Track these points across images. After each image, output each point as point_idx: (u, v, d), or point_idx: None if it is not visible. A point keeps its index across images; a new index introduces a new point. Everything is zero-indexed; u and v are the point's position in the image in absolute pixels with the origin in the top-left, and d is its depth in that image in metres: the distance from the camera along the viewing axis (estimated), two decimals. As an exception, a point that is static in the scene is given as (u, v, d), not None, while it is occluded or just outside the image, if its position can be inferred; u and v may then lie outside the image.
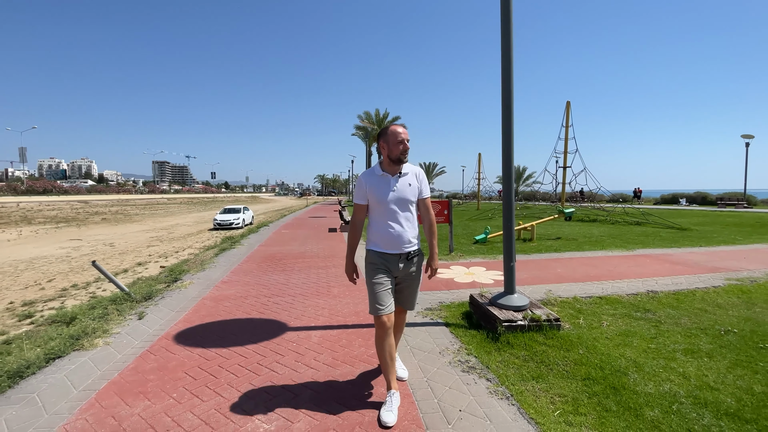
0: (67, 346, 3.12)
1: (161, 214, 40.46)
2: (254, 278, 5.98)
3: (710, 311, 4.39)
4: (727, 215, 20.24)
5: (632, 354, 3.20)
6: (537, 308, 3.73)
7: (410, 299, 2.53)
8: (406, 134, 2.40)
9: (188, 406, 2.39)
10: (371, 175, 2.43)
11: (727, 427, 2.24)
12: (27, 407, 2.38)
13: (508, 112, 3.72)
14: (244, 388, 2.62)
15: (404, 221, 2.38)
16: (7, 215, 30.23)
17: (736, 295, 5.06)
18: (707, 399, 2.52)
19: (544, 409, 2.40)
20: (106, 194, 62.13)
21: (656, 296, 4.95)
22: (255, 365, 2.95)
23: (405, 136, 2.39)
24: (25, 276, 10.93)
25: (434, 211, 7.84)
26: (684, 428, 2.23)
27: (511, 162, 3.79)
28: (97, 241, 18.74)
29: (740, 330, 3.78)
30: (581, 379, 2.77)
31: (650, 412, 2.38)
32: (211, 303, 4.58)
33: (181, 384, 2.65)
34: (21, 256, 14.63)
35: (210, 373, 2.82)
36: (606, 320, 4.03)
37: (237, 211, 22.65)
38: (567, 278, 5.86)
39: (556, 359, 3.07)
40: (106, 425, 2.18)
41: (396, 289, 2.47)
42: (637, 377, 2.80)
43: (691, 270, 6.46)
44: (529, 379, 2.76)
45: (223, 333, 3.66)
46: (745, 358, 3.14)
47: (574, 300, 4.72)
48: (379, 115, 40.92)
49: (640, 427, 2.23)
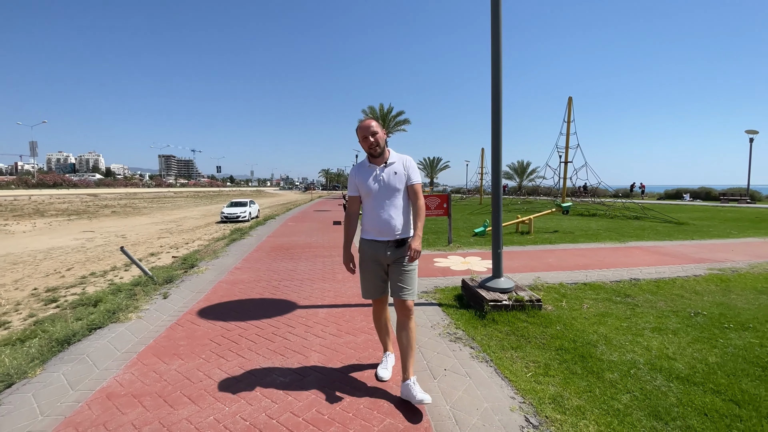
0: (105, 319, 3.57)
1: (169, 207, 41.10)
2: (264, 265, 6.42)
3: (686, 297, 4.75)
4: (727, 210, 20.40)
5: (605, 330, 3.58)
6: (521, 291, 4.11)
7: (406, 287, 2.47)
8: (370, 128, 2.41)
9: (215, 365, 2.83)
10: (360, 168, 2.54)
11: (675, 388, 2.62)
12: (80, 365, 2.83)
13: (497, 114, 4.08)
14: (262, 352, 3.06)
15: (392, 209, 2.44)
16: (21, 208, 31.01)
17: (714, 283, 5.40)
18: (663, 366, 2.90)
19: (518, 371, 2.80)
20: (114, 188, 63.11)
21: (638, 283, 5.31)
22: (270, 335, 3.39)
23: (368, 131, 2.41)
24: (45, 265, 11.44)
25: (434, 205, 8.20)
26: (637, 387, 2.62)
27: (499, 159, 4.15)
28: (109, 233, 19.31)
29: (710, 313, 4.14)
30: (555, 350, 3.16)
31: (610, 375, 2.77)
32: (226, 286, 5.03)
33: (207, 348, 3.10)
34: (38, 246, 15.18)
35: (231, 341, 3.26)
36: (587, 303, 4.41)
37: (244, 205, 23.13)
38: (556, 267, 6.23)
39: (535, 334, 3.46)
40: (149, 377, 2.63)
41: (390, 278, 2.53)
42: (604, 348, 3.19)
43: (677, 260, 6.80)
44: (509, 349, 3.16)
45: (240, 310, 4.10)
46: (707, 336, 3.51)
47: (559, 286, 5.09)
48: (383, 110, 41.07)
49: (599, 386, 2.62)
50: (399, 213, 2.45)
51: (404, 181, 2.48)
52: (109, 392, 2.46)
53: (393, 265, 2.49)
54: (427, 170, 69.12)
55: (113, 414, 2.25)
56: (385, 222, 2.43)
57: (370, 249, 2.50)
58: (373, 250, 2.49)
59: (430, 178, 68.44)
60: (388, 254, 2.46)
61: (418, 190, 2.52)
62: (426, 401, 2.26)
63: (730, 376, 2.74)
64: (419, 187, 2.53)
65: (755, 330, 3.64)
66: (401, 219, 2.46)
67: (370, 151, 2.45)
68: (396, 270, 2.48)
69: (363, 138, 2.43)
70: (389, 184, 2.44)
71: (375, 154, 2.46)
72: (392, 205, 2.44)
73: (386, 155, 2.50)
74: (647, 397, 2.49)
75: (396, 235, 2.45)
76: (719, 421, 2.23)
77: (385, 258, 2.48)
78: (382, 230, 2.44)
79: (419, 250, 2.42)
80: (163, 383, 2.58)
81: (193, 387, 2.55)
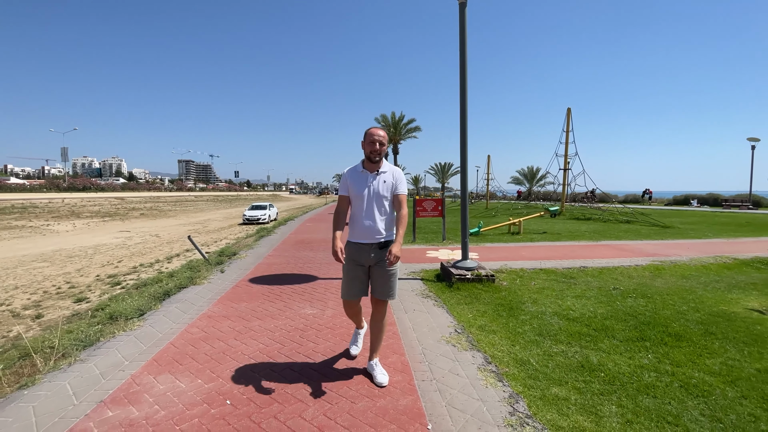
0: (188, 282, 5.21)
1: (191, 210, 43.44)
2: (291, 254, 8.06)
3: (618, 279, 6.11)
4: (722, 215, 21.24)
5: (537, 297, 5.00)
6: (482, 270, 5.57)
7: (386, 288, 2.64)
8: (379, 137, 2.57)
9: (268, 306, 4.41)
10: (353, 171, 2.67)
11: (561, 323, 4.01)
12: (184, 304, 4.45)
13: (464, 124, 5.57)
14: (296, 300, 4.64)
15: (378, 215, 2.60)
16: (57, 210, 33.49)
17: (649, 271, 6.73)
18: (562, 314, 4.31)
19: (463, 313, 4.27)
20: (138, 191, 66.17)
21: (585, 270, 6.69)
22: (300, 291, 4.99)
23: (378, 138, 2.56)
24: (97, 258, 13.30)
25: (431, 207, 9.77)
26: (536, 322, 4.02)
27: (465, 171, 5.64)
28: (144, 233, 21.32)
29: (626, 288, 5.50)
30: (494, 305, 4.61)
31: (523, 317, 4.20)
32: (264, 266, 6.68)
33: (261, 297, 4.71)
34: (85, 244, 17.16)
35: (275, 294, 4.87)
36: (535, 281, 5.83)
37: (264, 208, 25.04)
38: (525, 258, 7.64)
39: (485, 297, 4.92)
40: (229, 309, 4.23)
41: (371, 279, 2.69)
42: (529, 305, 4.61)
43: (631, 255, 8.12)
44: (462, 303, 4.63)
45: (278, 279, 5.72)
46: (609, 300, 4.89)
47: (520, 270, 6.51)
48: (394, 118, 42.76)
49: (512, 321, 4.04)
50: (384, 219, 2.62)
51: (392, 190, 2.64)
52: (208, 315, 4.06)
53: (375, 267, 2.65)
54: (438, 175, 70.34)
55: (215, 323, 3.83)
56: (370, 226, 2.59)
57: (354, 251, 2.64)
58: (357, 252, 2.64)
59: (442, 183, 69.60)
60: (372, 256, 2.62)
61: (402, 200, 2.67)
62: (383, 384, 2.59)
63: (604, 319, 4.15)
64: (404, 198, 2.68)
65: (650, 298, 5.01)
66: (385, 224, 2.63)
67: (371, 156, 2.58)
68: (378, 272, 2.64)
69: (371, 143, 2.56)
70: (378, 192, 2.60)
71: (374, 161, 2.61)
72: (378, 210, 2.60)
73: (380, 164, 2.64)
74: (540, 326, 3.92)
75: (379, 239, 2.62)
76: (579, 338, 3.65)
77: (368, 260, 2.64)
78: (367, 234, 2.60)
79: (399, 256, 2.51)
80: (239, 311, 4.19)
81: (257, 313, 4.14)
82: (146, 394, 2.48)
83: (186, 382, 2.65)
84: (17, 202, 33.81)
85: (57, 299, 7.59)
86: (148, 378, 2.69)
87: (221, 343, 3.33)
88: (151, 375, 2.74)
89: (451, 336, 3.58)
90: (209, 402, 2.41)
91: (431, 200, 9.77)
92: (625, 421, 2.33)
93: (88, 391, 2.52)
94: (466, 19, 5.49)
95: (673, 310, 4.47)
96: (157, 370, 2.81)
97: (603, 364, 3.06)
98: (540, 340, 3.56)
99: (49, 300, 7.56)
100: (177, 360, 2.98)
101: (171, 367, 2.85)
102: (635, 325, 3.95)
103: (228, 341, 3.36)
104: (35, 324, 5.98)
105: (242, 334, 3.54)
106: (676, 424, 2.32)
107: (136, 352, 3.11)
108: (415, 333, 3.65)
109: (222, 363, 2.95)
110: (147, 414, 2.27)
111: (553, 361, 3.11)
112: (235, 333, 3.57)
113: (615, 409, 2.46)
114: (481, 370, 2.89)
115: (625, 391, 2.67)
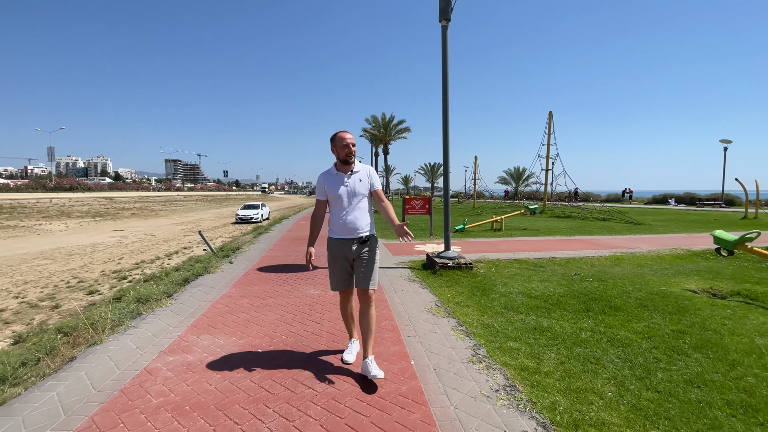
0: (203, 271, 5.91)
1: (182, 210, 43.59)
2: (290, 248, 8.82)
3: (582, 267, 6.98)
4: (694, 213, 22.53)
5: (508, 281, 5.81)
6: (462, 259, 6.38)
7: (367, 277, 2.79)
8: (350, 140, 2.74)
9: (277, 288, 5.16)
10: (328, 175, 2.83)
11: (524, 300, 4.81)
12: (204, 287, 5.16)
13: (446, 133, 6.37)
14: (301, 284, 5.38)
15: (357, 211, 2.77)
16: (46, 210, 33.42)
17: (611, 261, 7.63)
18: (526, 293, 5.12)
19: (443, 293, 5.05)
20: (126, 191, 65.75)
21: (554, 260, 7.55)
22: (304, 277, 5.76)
23: (349, 141, 2.73)
24: (98, 256, 13.76)
25: (419, 206, 10.64)
26: (504, 299, 4.82)
27: (447, 166, 6.43)
28: (138, 232, 21.71)
29: (586, 274, 6.35)
30: (471, 287, 5.40)
31: (493, 295, 5.00)
32: (268, 258, 7.41)
33: (270, 282, 5.45)
34: (82, 242, 17.54)
35: (282, 280, 5.61)
36: (508, 269, 6.65)
37: (256, 207, 25.59)
38: (503, 250, 8.49)
39: (463, 281, 5.71)
40: (245, 291, 4.97)
41: (354, 270, 2.85)
42: (500, 287, 5.42)
43: (598, 247, 9.03)
44: (444, 286, 5.42)
45: (282, 269, 6.46)
46: (569, 283, 5.72)
47: (496, 260, 7.34)
48: (385, 119, 43.55)
49: (484, 299, 4.83)
50: (363, 214, 2.80)
51: (368, 188, 2.83)
52: (228, 296, 4.78)
53: (357, 260, 2.82)
54: (428, 175, 71.39)
55: (235, 301, 4.55)
56: (351, 222, 2.74)
57: (337, 246, 2.81)
58: (340, 247, 2.79)
59: (431, 183, 70.65)
60: (354, 249, 2.77)
61: (380, 193, 2.91)
62: (379, 376, 2.62)
63: (560, 297, 4.97)
64: (381, 192, 2.92)
65: (604, 282, 5.85)
66: (365, 220, 2.80)
67: (347, 158, 2.75)
68: (359, 264, 2.80)
69: (344, 146, 2.73)
70: (355, 190, 2.76)
71: (350, 162, 2.78)
72: (357, 207, 2.78)
73: (353, 165, 2.81)
74: (507, 302, 4.72)
75: (360, 234, 2.77)
76: (537, 310, 4.45)
77: (351, 254, 2.79)
78: (348, 229, 2.75)
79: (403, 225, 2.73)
80: (254, 292, 4.95)
81: (269, 294, 4.89)
82: (195, 347, 3.21)
83: (223, 339, 3.38)
84: (5, 202, 33.58)
85: (69, 292, 8.17)
86: (192, 337, 3.42)
87: (244, 314, 4.07)
88: (194, 335, 3.46)
89: (432, 308, 4.37)
90: (244, 350, 3.16)
91: (419, 199, 10.58)
92: (559, 362, 3.13)
93: (148, 345, 3.23)
94: (447, 40, 6.28)
95: (619, 290, 5.32)
96: (197, 332, 3.53)
97: (551, 328, 3.87)
98: (504, 312, 4.36)
99: (61, 293, 8.13)
100: (211, 326, 3.70)
101: (208, 330, 3.57)
102: (584, 301, 4.78)
103: (250, 313, 4.10)
104: (54, 313, 6.59)
105: (260, 309, 4.28)
106: (597, 363, 3.12)
107: (176, 321, 3.83)
108: (403, 306, 4.43)
109: (248, 327, 3.69)
110: (199, 358, 3.00)
111: (512, 326, 3.91)
112: (254, 307, 4.30)
113: (554, 355, 3.26)
114: (454, 330, 3.68)
115: (564, 344, 3.48)
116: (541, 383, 2.72)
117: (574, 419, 2.32)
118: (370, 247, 2.84)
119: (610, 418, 2.35)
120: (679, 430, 2.25)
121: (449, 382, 2.69)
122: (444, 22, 6.26)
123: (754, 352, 3.33)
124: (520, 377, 2.81)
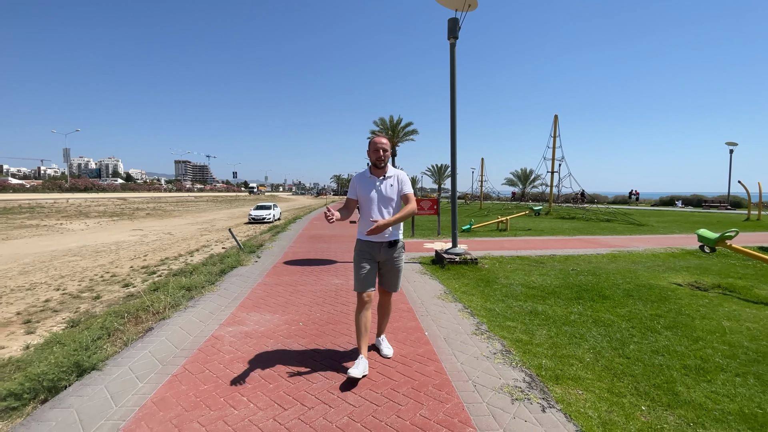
0: (237, 263, 6.62)
1: (194, 210, 44.57)
2: (309, 245, 9.54)
3: (579, 264, 7.56)
4: (698, 215, 22.85)
5: (510, 275, 6.43)
6: (468, 255, 7.01)
7: (393, 282, 2.96)
8: (383, 144, 2.81)
9: (305, 278, 5.85)
10: (362, 177, 2.91)
11: (524, 290, 5.43)
12: (241, 277, 5.87)
13: (453, 140, 7.01)
14: (325, 275, 6.06)
15: (386, 215, 2.80)
16: (64, 210, 34.50)
17: (607, 258, 8.20)
18: (526, 284, 5.74)
19: (451, 284, 5.69)
20: (139, 192, 67.17)
21: (554, 257, 8.14)
22: (326, 270, 6.43)
23: (381, 146, 2.80)
24: (123, 253, 14.54)
25: (427, 206, 11.34)
26: (506, 290, 5.45)
27: (455, 169, 7.07)
28: (157, 231, 22.57)
29: (582, 269, 6.95)
30: (476, 279, 6.03)
31: (496, 286, 5.63)
32: (291, 254, 8.12)
33: (298, 274, 6.14)
34: (105, 241, 18.36)
35: (308, 272, 6.31)
36: (511, 265, 7.27)
37: (268, 208, 26.41)
38: (506, 248, 9.10)
39: (469, 274, 6.35)
40: (278, 280, 5.67)
41: (380, 273, 2.96)
42: (503, 280, 6.04)
43: (597, 246, 9.59)
44: (451, 278, 6.06)
45: (306, 262, 7.15)
46: (565, 276, 6.33)
47: (500, 257, 7.96)
48: (392, 121, 44.23)
49: (487, 289, 5.46)
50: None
51: (398, 192, 2.88)
52: (263, 284, 5.49)
53: (384, 263, 2.93)
54: (435, 177, 71.92)
55: (271, 288, 5.24)
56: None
57: (365, 248, 2.88)
58: (368, 248, 2.87)
59: (438, 185, 71.15)
60: (381, 252, 2.88)
61: (410, 197, 2.89)
62: (388, 356, 3.04)
63: (555, 288, 5.58)
64: (411, 195, 2.90)
65: (598, 276, 6.44)
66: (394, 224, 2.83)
67: (377, 162, 2.82)
68: (386, 268, 2.94)
69: (375, 150, 2.80)
70: (385, 194, 2.83)
71: (380, 166, 2.84)
72: (386, 211, 2.82)
73: (386, 169, 2.88)
74: (507, 292, 5.35)
75: (388, 238, 2.85)
76: (534, 298, 5.07)
77: (378, 256, 2.89)
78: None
79: (380, 225, 2.68)
80: (285, 281, 5.63)
81: (299, 282, 5.59)
82: (247, 321, 3.90)
83: (268, 315, 4.07)
84: (24, 202, 34.70)
85: (105, 285, 8.91)
86: (243, 314, 4.11)
87: (281, 298, 4.76)
88: (244, 313, 4.16)
89: (441, 295, 5.03)
90: (288, 324, 3.84)
91: (428, 200, 11.21)
92: (548, 337, 3.75)
93: (209, 320, 3.94)
94: (455, 56, 6.92)
95: (610, 283, 5.91)
96: (246, 311, 4.23)
97: (545, 312, 4.49)
98: (505, 299, 4.99)
99: (98, 286, 8.87)
100: (256, 306, 4.40)
101: (255, 309, 4.27)
102: (577, 291, 5.39)
103: (286, 297, 4.79)
104: (97, 303, 7.31)
105: (294, 294, 4.97)
106: (581, 338, 3.74)
107: (225, 303, 4.53)
108: (416, 293, 5.09)
109: (288, 307, 4.38)
110: (254, 328, 3.69)
111: (511, 310, 4.54)
112: (288, 293, 5.00)
113: (545, 332, 3.89)
114: (461, 311, 4.34)
115: (554, 324, 4.10)
116: (532, 351, 3.36)
117: (556, 374, 2.95)
118: (398, 253, 2.94)
119: (585, 374, 2.98)
120: (639, 383, 2.87)
121: (456, 347, 3.34)
122: (452, 40, 6.90)
123: (718, 331, 3.92)
124: (515, 346, 3.45)
